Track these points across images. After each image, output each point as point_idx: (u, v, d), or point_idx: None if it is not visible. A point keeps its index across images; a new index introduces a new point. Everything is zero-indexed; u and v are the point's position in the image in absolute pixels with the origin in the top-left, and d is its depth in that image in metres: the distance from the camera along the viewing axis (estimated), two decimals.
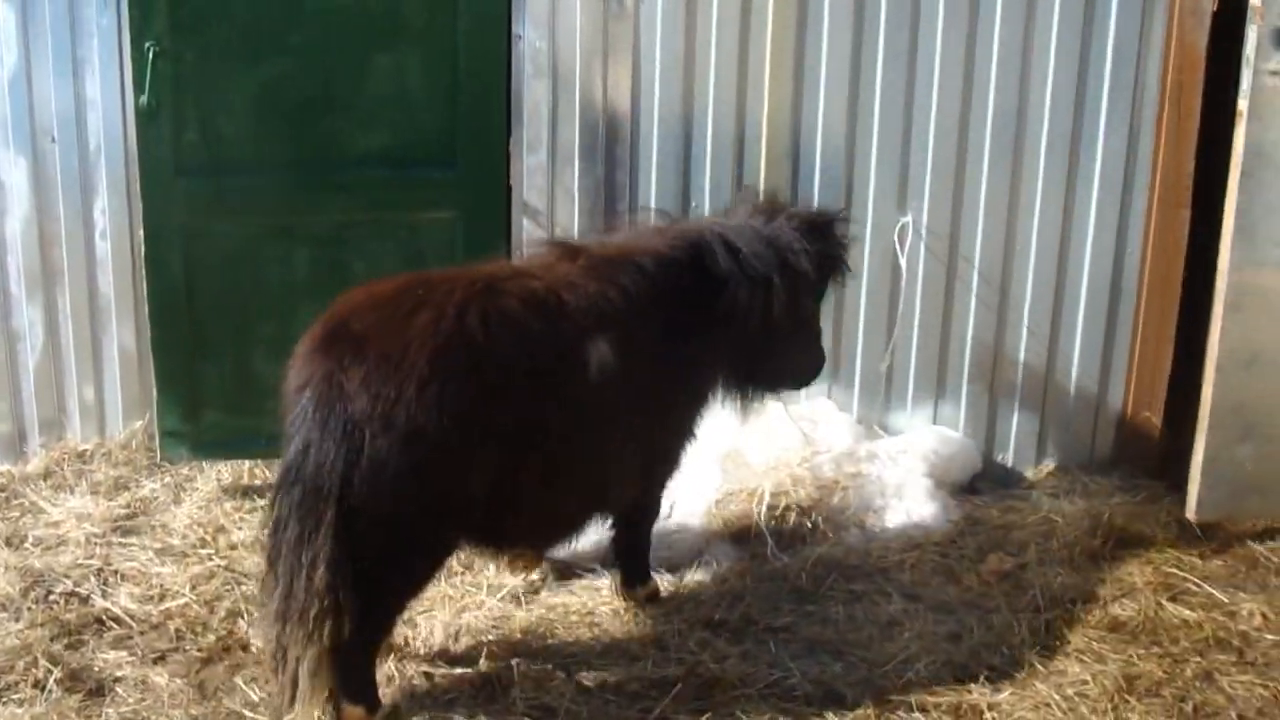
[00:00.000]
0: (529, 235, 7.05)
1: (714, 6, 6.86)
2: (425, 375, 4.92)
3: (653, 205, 6.90)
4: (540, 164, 7.03)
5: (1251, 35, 6.27)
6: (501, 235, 7.06)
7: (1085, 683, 5.56)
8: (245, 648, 5.77)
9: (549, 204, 7.06)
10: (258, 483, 7.09)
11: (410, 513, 5.02)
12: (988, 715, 5.36)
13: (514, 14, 6.88)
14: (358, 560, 4.94)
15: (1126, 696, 5.49)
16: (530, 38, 6.89)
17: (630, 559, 6.17)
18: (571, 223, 7.06)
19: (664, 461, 6.00)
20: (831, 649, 5.81)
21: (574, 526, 5.82)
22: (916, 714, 5.36)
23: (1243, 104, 6.34)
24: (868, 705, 5.38)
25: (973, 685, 5.52)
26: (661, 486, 6.17)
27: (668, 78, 6.93)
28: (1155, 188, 6.97)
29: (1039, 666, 5.68)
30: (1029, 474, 7.28)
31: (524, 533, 5.66)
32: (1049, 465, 7.27)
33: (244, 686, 5.50)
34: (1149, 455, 7.22)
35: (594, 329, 5.35)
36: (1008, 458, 7.30)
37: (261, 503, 6.74)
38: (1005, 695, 5.48)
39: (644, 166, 7.03)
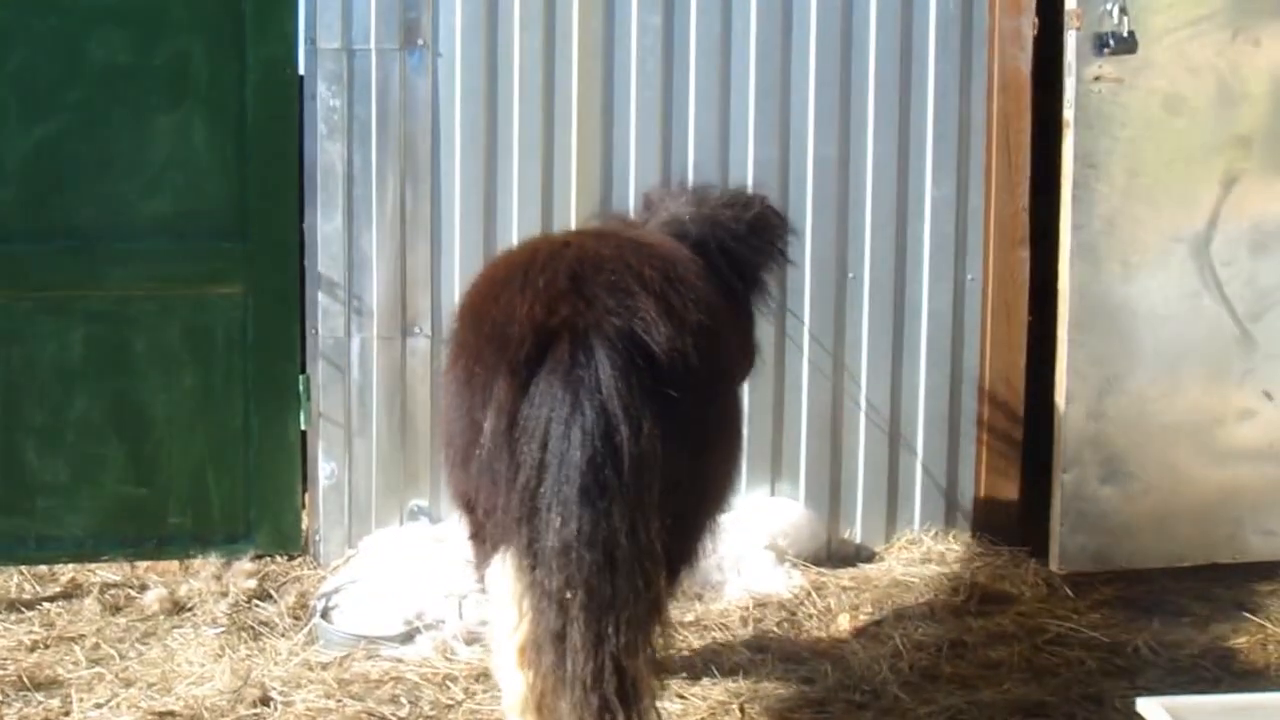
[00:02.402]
0: (325, 311, 6.51)
1: (515, 51, 6.47)
2: (702, 291, 4.11)
3: (457, 268, 6.42)
4: (336, 230, 6.51)
5: (1071, 41, 6.01)
6: (296, 311, 6.54)
7: (961, 710, 4.82)
8: None
9: (346, 274, 6.52)
10: (26, 596, 6.16)
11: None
12: None
13: (305, 70, 6.50)
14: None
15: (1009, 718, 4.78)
16: (323, 95, 6.48)
17: None
18: (370, 296, 6.50)
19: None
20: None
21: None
22: None
23: (1068, 113, 6.03)
24: None
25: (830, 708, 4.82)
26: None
27: (469, 130, 6.49)
28: (990, 228, 6.49)
29: (905, 698, 4.93)
30: (879, 548, 6.56)
31: None
32: (901, 539, 6.56)
33: None
34: (1009, 521, 6.54)
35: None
36: (855, 532, 6.60)
37: (30, 614, 5.88)
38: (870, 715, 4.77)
39: (446, 229, 6.51)
